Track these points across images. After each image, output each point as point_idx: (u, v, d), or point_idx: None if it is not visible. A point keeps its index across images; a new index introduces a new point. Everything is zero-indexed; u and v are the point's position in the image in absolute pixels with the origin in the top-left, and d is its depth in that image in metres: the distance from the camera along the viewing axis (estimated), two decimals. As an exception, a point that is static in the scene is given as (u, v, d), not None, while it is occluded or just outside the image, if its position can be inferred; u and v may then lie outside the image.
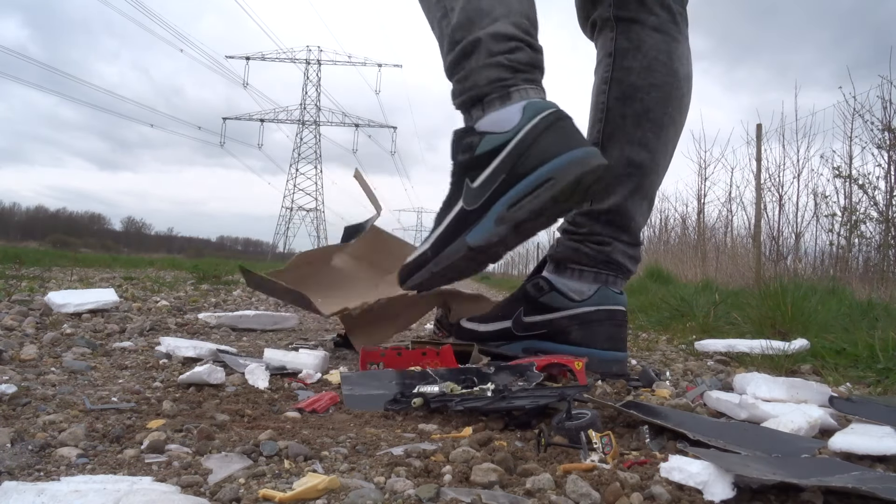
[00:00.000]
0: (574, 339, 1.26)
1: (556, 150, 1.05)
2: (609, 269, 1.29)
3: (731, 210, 6.91)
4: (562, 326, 1.27)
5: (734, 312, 2.28)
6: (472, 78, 1.13)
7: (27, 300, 2.09)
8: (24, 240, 27.51)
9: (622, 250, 1.29)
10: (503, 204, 1.06)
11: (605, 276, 1.29)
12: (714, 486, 0.57)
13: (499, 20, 1.13)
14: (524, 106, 1.08)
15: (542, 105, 1.08)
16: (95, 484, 0.52)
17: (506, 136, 1.08)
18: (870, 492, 0.54)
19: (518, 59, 1.11)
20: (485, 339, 1.32)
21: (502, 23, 1.12)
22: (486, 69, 1.11)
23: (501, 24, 1.12)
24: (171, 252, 31.10)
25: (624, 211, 1.29)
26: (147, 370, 1.12)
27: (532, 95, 1.10)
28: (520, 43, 1.13)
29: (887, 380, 1.24)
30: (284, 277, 1.49)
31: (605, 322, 1.26)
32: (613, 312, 1.26)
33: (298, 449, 0.66)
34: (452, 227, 1.12)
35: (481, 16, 1.13)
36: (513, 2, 1.15)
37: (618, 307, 1.27)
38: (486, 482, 0.58)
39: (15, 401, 0.81)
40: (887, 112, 4.57)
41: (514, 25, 1.13)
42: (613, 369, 1.24)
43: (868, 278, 4.48)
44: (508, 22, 1.13)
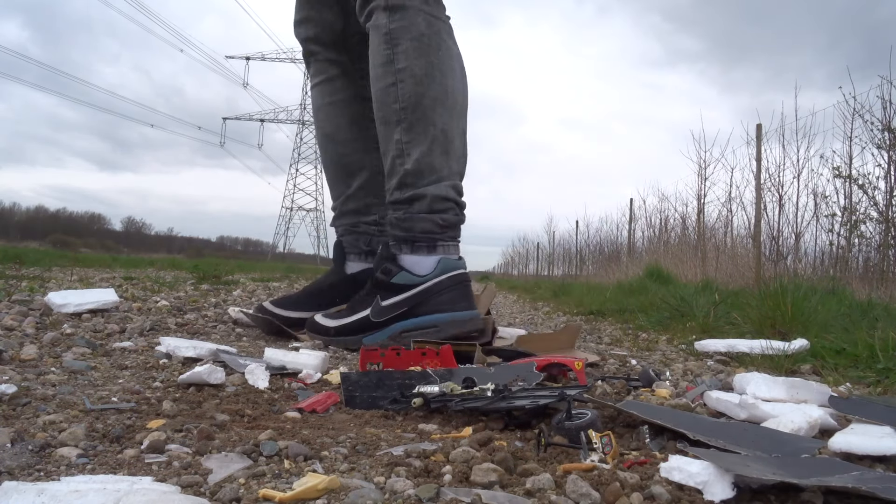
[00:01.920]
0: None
1: (447, 307, 1.47)
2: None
3: (731, 210, 6.92)
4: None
5: (734, 312, 2.28)
6: (410, 223, 1.51)
7: (27, 300, 2.09)
8: (24, 240, 27.51)
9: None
10: (397, 328, 1.47)
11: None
12: (714, 486, 0.57)
13: (442, 181, 1.51)
14: (439, 260, 1.50)
15: (452, 265, 1.50)
16: (95, 484, 0.52)
17: (416, 280, 1.48)
18: (870, 492, 0.54)
19: (448, 220, 1.52)
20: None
21: (444, 185, 1.51)
22: (423, 221, 1.50)
23: (443, 187, 1.51)
24: (171, 252, 31.10)
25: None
26: (147, 370, 1.12)
27: (451, 252, 1.53)
28: (453, 205, 1.52)
29: (887, 380, 1.24)
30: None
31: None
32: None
33: (298, 449, 0.66)
34: (357, 326, 1.51)
35: (430, 171, 1.50)
36: (454, 164, 1.53)
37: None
38: (486, 482, 0.58)
39: (15, 401, 0.81)
40: (887, 112, 4.58)
41: (452, 188, 1.52)
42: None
43: (868, 278, 4.48)
44: (449, 185, 1.51)
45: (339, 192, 1.80)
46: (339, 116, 1.76)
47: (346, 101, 1.77)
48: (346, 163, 1.78)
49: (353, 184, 1.79)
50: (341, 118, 1.75)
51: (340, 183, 1.80)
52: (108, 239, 43.18)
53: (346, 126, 1.75)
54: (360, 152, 1.77)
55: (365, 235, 1.81)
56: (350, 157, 1.77)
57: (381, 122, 1.56)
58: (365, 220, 1.81)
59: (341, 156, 1.78)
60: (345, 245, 1.81)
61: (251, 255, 50.26)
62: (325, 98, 1.77)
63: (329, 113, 1.77)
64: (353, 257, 1.80)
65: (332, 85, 1.76)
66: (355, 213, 1.81)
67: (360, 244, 1.81)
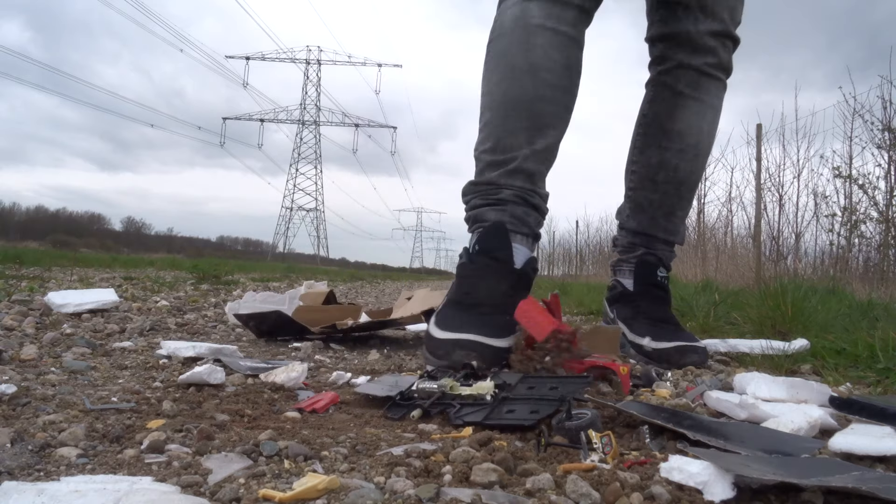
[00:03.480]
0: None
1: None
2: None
3: (731, 210, 6.91)
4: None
5: (734, 312, 2.28)
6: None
7: (27, 300, 2.09)
8: (24, 240, 27.49)
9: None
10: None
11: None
12: (714, 487, 0.57)
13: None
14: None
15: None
16: (95, 484, 0.52)
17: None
18: (870, 492, 0.54)
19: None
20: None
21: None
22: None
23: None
24: (171, 252, 31.09)
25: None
26: (147, 370, 1.12)
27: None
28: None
29: (887, 380, 1.24)
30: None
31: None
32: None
33: (298, 449, 0.66)
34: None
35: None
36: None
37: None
38: (486, 482, 0.58)
39: (15, 401, 0.81)
40: (887, 112, 4.58)
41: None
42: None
43: (868, 278, 4.48)
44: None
45: (518, 141, 1.33)
46: (557, 51, 1.32)
47: (572, 40, 1.34)
48: (540, 110, 1.34)
49: (538, 140, 1.35)
50: (558, 54, 1.32)
51: (523, 131, 1.34)
52: (108, 239, 43.18)
53: (559, 67, 1.33)
54: (561, 106, 1.36)
55: (535, 213, 1.37)
56: (549, 107, 1.35)
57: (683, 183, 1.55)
58: (540, 192, 1.38)
59: (538, 99, 1.33)
60: (509, 222, 1.32)
61: (251, 255, 50.28)
62: (550, 21, 1.31)
63: (547, 41, 1.32)
64: (519, 239, 1.33)
65: (563, 9, 1.32)
66: (530, 178, 1.35)
67: (530, 220, 1.35)
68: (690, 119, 1.52)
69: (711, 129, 1.56)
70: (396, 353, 1.50)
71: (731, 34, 1.49)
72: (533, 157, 1.33)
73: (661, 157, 1.54)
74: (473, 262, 1.30)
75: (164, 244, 50.62)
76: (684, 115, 1.51)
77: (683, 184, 1.56)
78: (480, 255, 1.29)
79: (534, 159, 1.34)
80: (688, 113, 1.51)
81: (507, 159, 1.32)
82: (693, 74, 1.49)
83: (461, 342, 1.16)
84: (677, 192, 1.57)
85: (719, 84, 1.53)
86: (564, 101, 1.36)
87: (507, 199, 1.32)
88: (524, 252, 1.32)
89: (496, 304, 1.23)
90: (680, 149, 1.52)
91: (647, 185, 1.57)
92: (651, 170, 1.56)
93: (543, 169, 1.37)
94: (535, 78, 1.31)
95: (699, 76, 1.49)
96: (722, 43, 1.48)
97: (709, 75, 1.50)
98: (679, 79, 1.50)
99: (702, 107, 1.51)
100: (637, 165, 1.58)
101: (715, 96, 1.53)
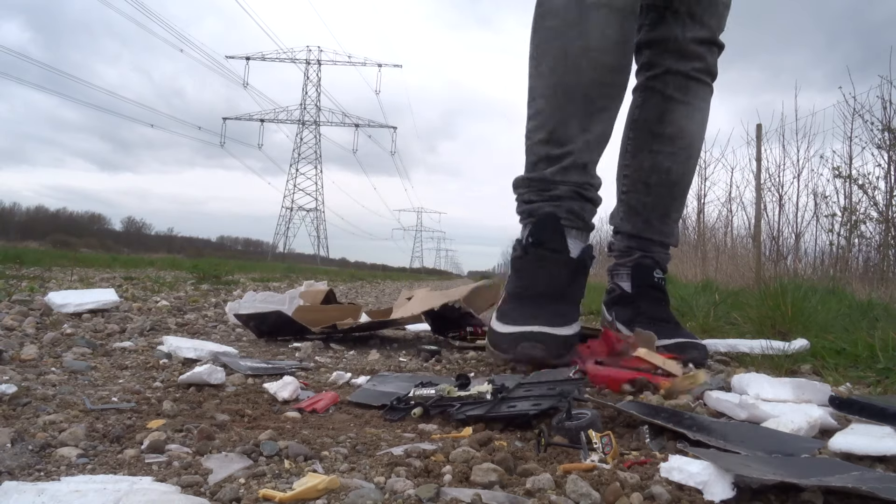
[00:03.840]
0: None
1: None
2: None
3: (731, 210, 6.91)
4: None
5: (734, 312, 2.28)
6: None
7: (27, 300, 2.09)
8: (25, 240, 27.48)
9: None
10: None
11: None
12: (714, 486, 0.57)
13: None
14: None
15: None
16: (95, 484, 0.52)
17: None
18: (870, 492, 0.54)
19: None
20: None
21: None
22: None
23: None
24: (171, 252, 31.09)
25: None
26: (147, 370, 1.12)
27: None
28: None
29: (887, 380, 1.24)
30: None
31: None
32: None
33: (298, 449, 0.66)
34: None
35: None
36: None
37: None
38: (486, 482, 0.58)
39: (15, 401, 0.81)
40: (887, 112, 4.57)
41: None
42: None
43: (868, 278, 4.48)
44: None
45: (573, 131, 1.25)
46: (613, 28, 1.22)
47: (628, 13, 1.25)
48: (596, 95, 1.25)
49: (594, 126, 1.26)
50: (614, 31, 1.22)
51: (578, 119, 1.25)
52: (108, 239, 43.17)
53: (615, 46, 1.23)
54: (616, 87, 1.29)
55: (590, 205, 1.33)
56: (605, 90, 1.26)
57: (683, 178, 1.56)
58: (594, 183, 1.33)
59: (594, 84, 1.24)
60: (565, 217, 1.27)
61: (251, 255, 50.27)
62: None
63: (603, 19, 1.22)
64: (574, 234, 1.28)
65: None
66: (584, 170, 1.29)
67: (585, 214, 1.31)
68: (681, 122, 1.53)
69: (701, 131, 1.58)
70: (396, 354, 1.50)
71: (717, 41, 1.52)
72: (587, 148, 1.29)
73: (654, 161, 1.54)
74: (528, 254, 1.28)
75: (164, 244, 50.62)
76: (674, 118, 1.52)
77: (676, 185, 1.57)
78: (535, 247, 1.27)
79: (588, 149, 1.29)
80: (678, 116, 1.52)
81: (563, 154, 1.28)
82: (681, 79, 1.50)
83: (526, 335, 1.14)
84: (670, 194, 1.58)
85: (706, 88, 1.55)
86: (620, 80, 1.30)
87: (563, 195, 1.29)
88: (579, 245, 1.30)
89: (557, 293, 1.21)
90: (671, 152, 1.53)
91: (639, 188, 1.57)
92: (643, 173, 1.56)
93: (597, 156, 1.33)
94: (592, 62, 1.23)
95: (687, 81, 1.51)
96: (709, 49, 1.51)
97: (697, 80, 1.51)
98: (668, 84, 1.51)
99: (691, 110, 1.53)
100: (629, 169, 1.59)
101: (702, 99, 1.54)
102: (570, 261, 1.26)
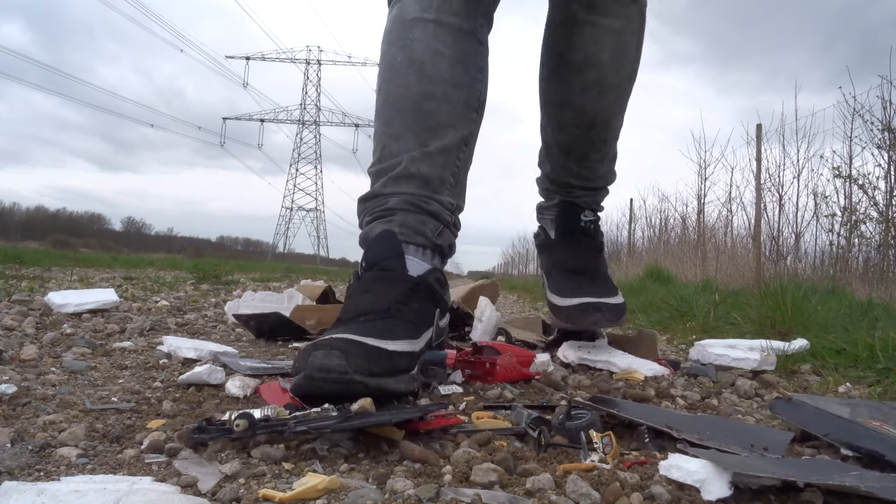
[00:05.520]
0: None
1: None
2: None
3: (731, 210, 6.91)
4: None
5: (734, 312, 2.28)
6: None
7: (27, 300, 2.09)
8: (25, 240, 27.51)
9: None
10: None
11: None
12: (712, 485, 0.57)
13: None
14: None
15: None
16: (95, 484, 0.52)
17: None
18: (869, 492, 0.54)
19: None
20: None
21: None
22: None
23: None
24: (171, 252, 31.10)
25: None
26: (147, 370, 1.12)
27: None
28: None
29: (887, 380, 1.24)
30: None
31: None
32: None
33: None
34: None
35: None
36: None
37: None
38: (486, 482, 0.58)
39: (15, 401, 0.81)
40: (887, 112, 4.57)
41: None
42: None
43: (868, 278, 4.48)
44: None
45: (404, 145, 1.13)
46: (443, 43, 1.14)
47: (461, 31, 1.16)
48: (430, 109, 1.13)
49: (432, 142, 1.13)
50: (444, 46, 1.14)
51: (411, 133, 1.14)
52: (108, 239, 43.18)
53: (447, 61, 1.14)
54: (457, 104, 1.15)
55: (434, 220, 1.13)
56: (441, 105, 1.14)
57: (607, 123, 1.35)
58: (440, 199, 1.14)
59: (425, 97, 1.13)
60: (399, 231, 1.09)
61: (251, 255, 50.27)
62: (430, 12, 1.14)
63: (428, 33, 1.15)
64: (412, 251, 1.09)
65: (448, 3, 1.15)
66: (425, 183, 1.13)
67: (426, 230, 1.11)
68: (588, 48, 1.28)
69: (616, 60, 1.30)
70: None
71: None
72: (426, 160, 1.12)
73: (563, 94, 1.34)
74: (359, 281, 1.03)
75: (164, 244, 50.61)
76: (580, 43, 1.28)
77: (592, 126, 1.34)
78: (367, 271, 1.04)
79: (427, 162, 1.12)
80: (584, 42, 1.28)
81: (392, 165, 1.12)
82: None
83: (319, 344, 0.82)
84: (587, 137, 1.35)
85: (622, 5, 1.27)
86: (461, 97, 1.15)
87: (395, 207, 1.10)
88: (419, 265, 1.07)
89: (382, 309, 0.94)
90: (582, 86, 1.30)
91: (552, 124, 1.38)
92: (554, 108, 1.37)
93: (446, 175, 1.14)
94: (419, 73, 1.12)
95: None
96: None
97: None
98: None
99: (600, 33, 1.27)
100: (542, 100, 1.40)
101: (616, 19, 1.26)
102: (404, 278, 1.01)
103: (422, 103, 1.13)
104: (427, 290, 1.04)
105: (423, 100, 1.13)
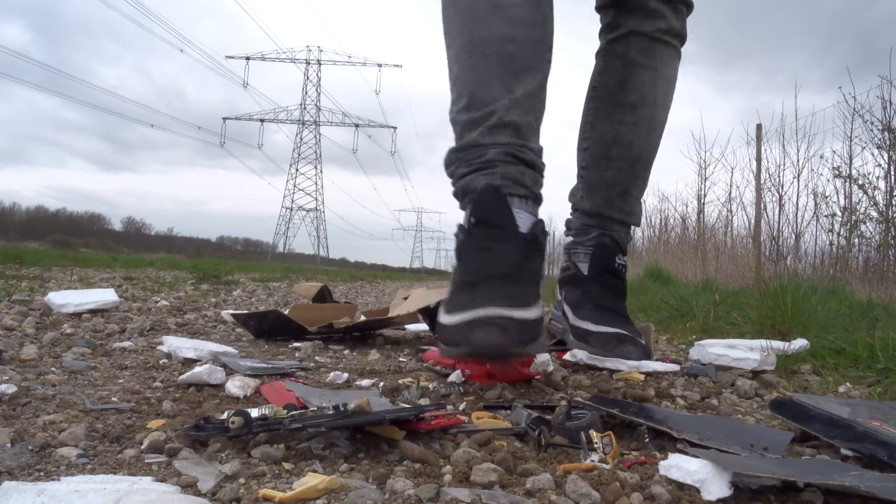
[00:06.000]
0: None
1: None
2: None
3: (731, 210, 6.91)
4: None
5: (734, 312, 2.28)
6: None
7: (27, 300, 2.09)
8: (25, 240, 27.50)
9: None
10: None
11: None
12: (711, 485, 0.57)
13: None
14: None
15: None
16: (95, 484, 0.52)
17: None
18: (869, 492, 0.54)
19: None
20: None
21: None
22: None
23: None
24: (171, 252, 31.10)
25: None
26: (147, 370, 1.12)
27: None
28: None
29: (887, 380, 1.24)
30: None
31: None
32: None
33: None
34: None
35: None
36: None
37: None
38: (486, 482, 0.58)
39: (15, 401, 0.81)
40: (887, 112, 4.57)
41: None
42: None
43: (868, 278, 4.48)
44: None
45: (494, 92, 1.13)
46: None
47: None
48: (513, 52, 1.13)
49: (517, 87, 1.13)
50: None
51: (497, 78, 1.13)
52: (108, 239, 43.18)
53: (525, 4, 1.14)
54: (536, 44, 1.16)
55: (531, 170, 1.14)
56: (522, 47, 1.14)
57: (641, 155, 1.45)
58: (532, 147, 1.15)
59: (508, 39, 1.13)
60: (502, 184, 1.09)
61: (251, 255, 50.29)
62: None
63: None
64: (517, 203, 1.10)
65: None
66: (517, 132, 1.13)
67: (526, 180, 1.12)
68: (644, 89, 1.42)
69: (666, 99, 1.46)
70: (396, 354, 1.50)
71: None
72: (515, 107, 1.13)
73: (615, 132, 1.44)
74: (472, 237, 1.07)
75: (164, 244, 50.61)
76: (636, 84, 1.42)
77: (638, 160, 1.46)
78: (478, 227, 1.06)
79: (517, 110, 1.13)
80: (640, 82, 1.42)
81: (486, 114, 1.13)
82: (645, 41, 1.40)
83: (477, 321, 0.94)
84: (632, 170, 1.47)
85: (673, 51, 1.43)
86: (539, 36, 1.16)
87: (495, 159, 1.11)
88: (526, 217, 1.08)
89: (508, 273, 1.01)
90: (633, 122, 1.42)
91: (600, 162, 1.47)
92: (604, 146, 1.46)
93: (531, 119, 1.15)
94: (501, 15, 1.13)
95: (652, 43, 1.40)
96: (674, 8, 1.41)
97: (662, 42, 1.41)
98: (631, 46, 1.41)
99: (655, 75, 1.42)
100: (589, 142, 1.49)
101: (668, 64, 1.43)
102: (518, 235, 1.05)
103: (505, 46, 1.13)
104: (537, 245, 1.08)
105: (506, 43, 1.13)
